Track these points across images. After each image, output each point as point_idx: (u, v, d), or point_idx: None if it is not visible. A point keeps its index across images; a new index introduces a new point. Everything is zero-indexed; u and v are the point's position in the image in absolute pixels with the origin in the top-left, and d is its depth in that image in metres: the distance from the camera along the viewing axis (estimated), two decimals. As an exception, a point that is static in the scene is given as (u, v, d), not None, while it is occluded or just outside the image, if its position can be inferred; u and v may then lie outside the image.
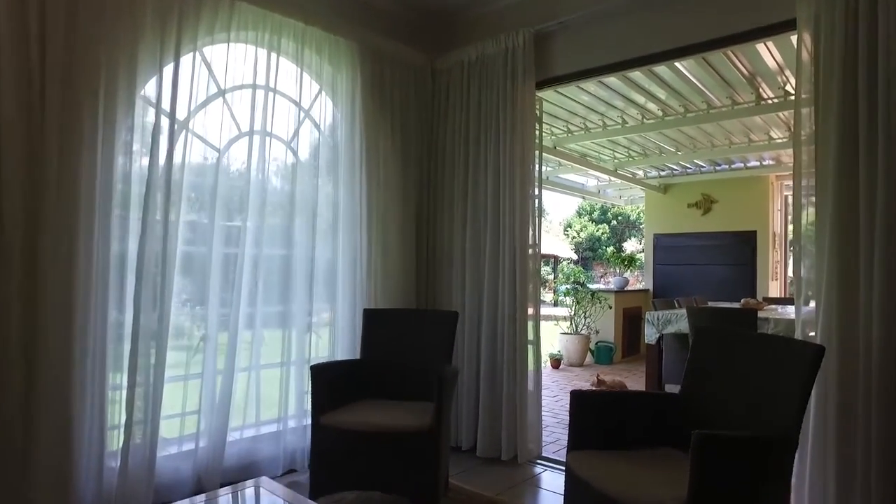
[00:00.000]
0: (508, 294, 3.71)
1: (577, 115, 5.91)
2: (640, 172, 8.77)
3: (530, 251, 3.77)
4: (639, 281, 12.64)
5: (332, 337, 3.71)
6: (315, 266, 3.57)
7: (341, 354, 3.66)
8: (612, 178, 9.24)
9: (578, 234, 33.56)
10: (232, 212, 3.27)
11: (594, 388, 5.65)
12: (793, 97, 4.87)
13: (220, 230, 3.12)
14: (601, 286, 12.38)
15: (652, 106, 5.50)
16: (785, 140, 6.31)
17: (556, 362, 7.66)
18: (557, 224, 37.89)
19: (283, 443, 3.34)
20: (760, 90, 4.93)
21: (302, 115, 3.57)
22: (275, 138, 3.39)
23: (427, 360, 3.21)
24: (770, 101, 5.03)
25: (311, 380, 2.89)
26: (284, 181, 3.56)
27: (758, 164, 7.90)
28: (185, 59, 2.93)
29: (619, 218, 34.28)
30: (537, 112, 4.06)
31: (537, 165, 3.93)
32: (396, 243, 3.99)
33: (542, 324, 4.12)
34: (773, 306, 6.29)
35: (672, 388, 5.92)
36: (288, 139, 3.50)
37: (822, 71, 2.52)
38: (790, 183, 8.28)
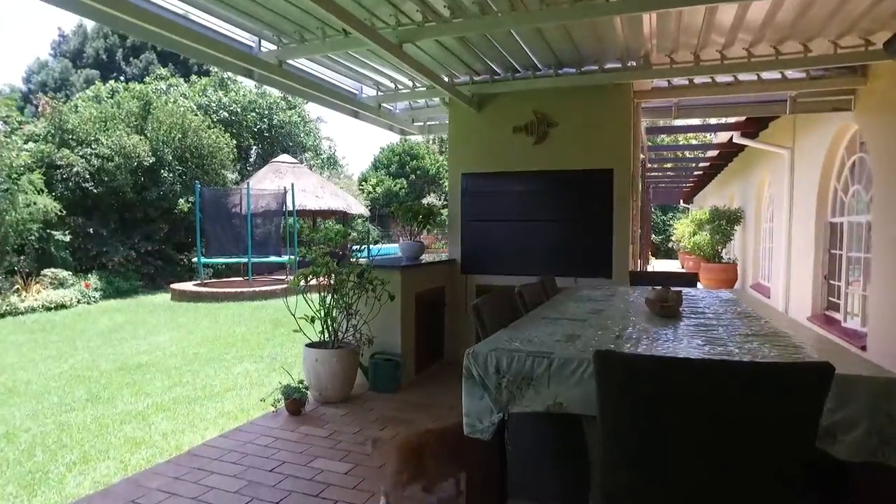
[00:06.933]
0: None
1: None
2: (446, 78, 5.47)
3: None
4: (436, 243, 9.60)
5: None
6: None
7: None
8: (399, 83, 5.79)
9: (374, 189, 30.33)
10: None
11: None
12: None
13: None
14: (389, 251, 9.10)
15: None
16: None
17: (294, 404, 4.07)
18: (355, 179, 34.23)
19: None
20: None
21: None
22: None
23: None
24: None
25: None
26: None
27: (619, 65, 5.10)
28: None
29: (419, 172, 31.89)
30: None
31: None
32: None
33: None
34: (693, 292, 3.47)
35: None
36: None
37: None
38: (651, 104, 5.72)
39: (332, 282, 4.26)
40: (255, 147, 26.00)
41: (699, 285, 4.56)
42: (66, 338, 8.43)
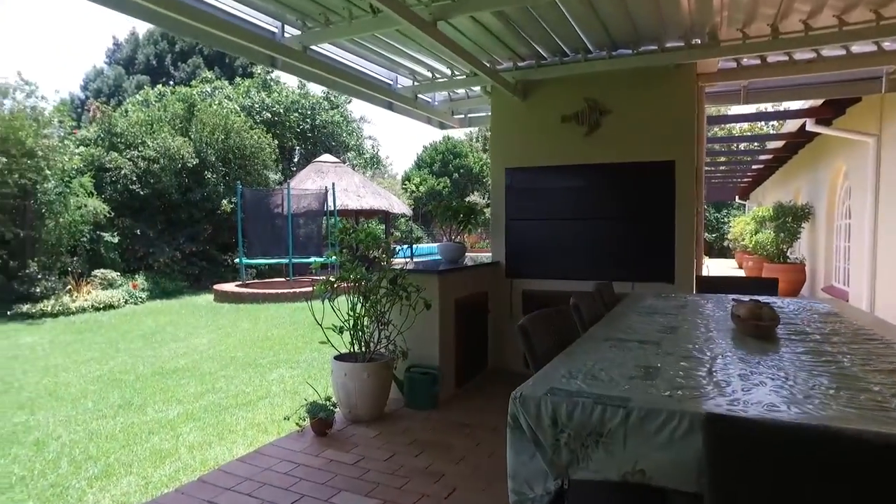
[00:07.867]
0: None
1: None
2: (488, 64, 5.02)
3: None
4: (479, 242, 9.19)
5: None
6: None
7: None
8: (437, 72, 5.39)
9: (418, 188, 30.09)
10: None
11: None
12: None
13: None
14: (427, 250, 8.71)
15: None
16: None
17: (320, 424, 3.72)
18: (399, 179, 34.09)
19: None
20: None
21: None
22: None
23: None
24: None
25: None
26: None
27: (681, 43, 4.53)
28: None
29: (462, 170, 31.48)
30: None
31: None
32: None
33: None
34: (778, 303, 2.92)
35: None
36: None
37: None
38: (716, 89, 5.11)
39: (361, 288, 3.88)
40: (298, 147, 26.16)
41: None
42: (110, 339, 8.46)
